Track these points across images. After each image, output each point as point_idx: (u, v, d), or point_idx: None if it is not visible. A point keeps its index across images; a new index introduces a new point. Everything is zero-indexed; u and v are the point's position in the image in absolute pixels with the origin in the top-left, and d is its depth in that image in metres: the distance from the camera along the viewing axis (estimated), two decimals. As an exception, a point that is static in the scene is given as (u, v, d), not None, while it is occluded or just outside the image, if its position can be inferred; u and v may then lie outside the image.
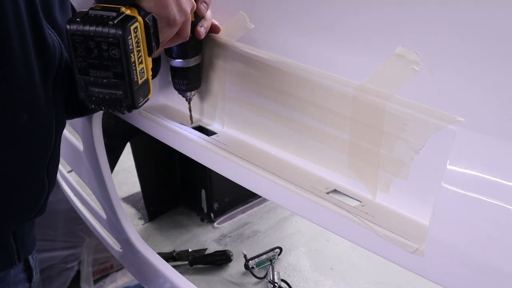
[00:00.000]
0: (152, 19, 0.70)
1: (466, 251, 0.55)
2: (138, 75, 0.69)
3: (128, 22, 0.66)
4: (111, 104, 0.70)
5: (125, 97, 0.69)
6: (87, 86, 0.70)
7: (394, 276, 1.22)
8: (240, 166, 0.79)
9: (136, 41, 0.67)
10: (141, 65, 0.70)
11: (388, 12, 0.71)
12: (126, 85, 0.68)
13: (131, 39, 0.66)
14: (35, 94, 0.70)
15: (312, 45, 0.77)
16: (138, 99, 0.71)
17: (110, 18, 0.65)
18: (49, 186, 0.79)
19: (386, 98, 0.65)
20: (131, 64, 0.67)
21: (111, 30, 0.65)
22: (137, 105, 0.71)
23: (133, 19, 0.66)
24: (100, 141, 1.14)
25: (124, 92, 0.69)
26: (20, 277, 0.83)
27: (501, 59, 0.60)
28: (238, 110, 0.87)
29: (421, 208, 0.64)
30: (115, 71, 0.67)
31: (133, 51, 0.67)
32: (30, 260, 0.84)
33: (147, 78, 0.72)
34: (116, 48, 0.65)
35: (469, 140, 0.57)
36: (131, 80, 0.68)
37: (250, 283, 1.27)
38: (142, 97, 0.72)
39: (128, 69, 0.67)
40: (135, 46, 0.67)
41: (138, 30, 0.68)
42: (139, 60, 0.69)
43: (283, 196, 0.74)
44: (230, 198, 1.52)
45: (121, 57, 0.66)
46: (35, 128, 0.72)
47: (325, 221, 0.70)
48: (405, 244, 0.60)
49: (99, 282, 2.25)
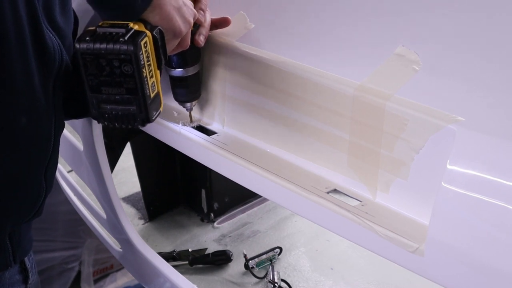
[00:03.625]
0: (159, 32, 0.70)
1: (466, 250, 0.55)
2: (150, 89, 0.70)
3: (139, 38, 0.66)
4: (125, 120, 0.71)
5: (139, 112, 0.70)
6: (99, 103, 0.70)
7: (394, 276, 1.22)
8: (240, 166, 0.79)
9: (146, 55, 0.68)
10: (152, 78, 0.70)
11: (389, 11, 0.71)
12: (140, 100, 0.69)
13: (142, 54, 0.66)
14: (34, 98, 0.70)
15: (312, 44, 0.77)
16: (151, 112, 0.71)
17: (120, 35, 0.65)
18: (47, 189, 0.78)
19: (386, 98, 0.65)
20: (144, 78, 0.67)
21: (122, 46, 0.65)
22: (151, 119, 0.71)
23: (142, 34, 0.67)
24: (100, 141, 1.14)
25: (137, 107, 0.69)
26: (16, 278, 0.82)
27: (501, 59, 0.60)
28: (238, 109, 0.87)
29: (421, 208, 0.64)
30: (128, 87, 0.68)
31: (144, 66, 0.67)
32: (26, 261, 0.84)
33: (158, 91, 0.73)
34: (128, 64, 0.66)
35: (469, 140, 0.57)
36: (144, 95, 0.68)
37: (250, 283, 1.27)
38: (155, 110, 0.72)
39: (141, 84, 0.67)
40: (146, 60, 0.68)
41: (147, 45, 0.68)
42: (150, 74, 0.69)
43: (283, 195, 0.74)
44: (230, 198, 1.52)
45: (133, 72, 0.66)
46: (33, 132, 0.72)
47: (325, 220, 0.70)
48: (405, 244, 0.60)
49: (99, 282, 2.25)
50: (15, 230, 0.78)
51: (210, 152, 0.84)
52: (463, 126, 0.57)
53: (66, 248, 2.19)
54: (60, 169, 1.65)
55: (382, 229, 0.63)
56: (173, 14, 0.72)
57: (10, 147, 0.70)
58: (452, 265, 0.56)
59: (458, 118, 0.58)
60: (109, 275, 2.27)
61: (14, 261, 0.79)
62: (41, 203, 0.79)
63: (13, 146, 0.70)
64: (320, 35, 0.77)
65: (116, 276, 2.26)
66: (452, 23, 0.66)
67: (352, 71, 0.70)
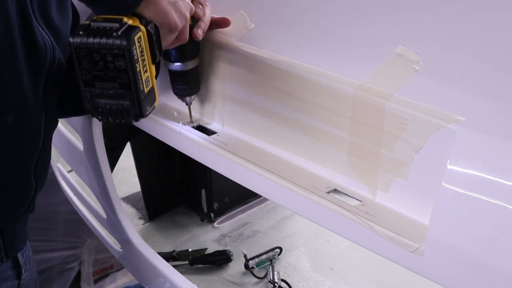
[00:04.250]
0: (154, 27, 0.70)
1: (466, 250, 0.55)
2: (144, 83, 0.70)
3: (132, 32, 0.66)
4: (118, 114, 0.71)
5: (132, 106, 0.70)
6: (93, 98, 0.70)
7: (394, 276, 1.22)
8: (240, 166, 0.79)
9: (140, 50, 0.68)
10: (146, 73, 0.70)
11: (389, 11, 0.71)
12: (133, 94, 0.69)
13: (136, 49, 0.66)
14: (22, 95, 0.69)
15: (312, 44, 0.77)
16: (145, 107, 0.71)
17: (114, 30, 0.65)
18: (37, 186, 0.78)
19: (386, 98, 0.65)
20: (137, 73, 0.68)
21: (116, 41, 0.65)
22: (145, 114, 0.71)
23: (136, 29, 0.67)
24: (100, 141, 1.14)
25: (131, 102, 0.69)
26: (8, 274, 0.83)
27: (502, 59, 0.60)
28: (238, 109, 0.87)
29: (421, 208, 0.64)
30: (121, 81, 0.68)
31: (138, 61, 0.67)
32: (20, 257, 0.84)
33: (152, 86, 0.73)
34: (121, 59, 0.66)
35: (469, 139, 0.57)
36: (137, 90, 0.68)
37: (250, 283, 1.27)
38: (149, 105, 0.72)
39: (134, 79, 0.67)
40: (140, 55, 0.68)
41: (141, 40, 0.68)
42: (144, 69, 0.69)
43: (283, 195, 0.74)
44: (230, 198, 1.52)
45: (127, 67, 0.66)
46: (21, 129, 0.71)
47: (326, 220, 0.70)
48: (405, 244, 0.60)
49: (99, 282, 2.25)
50: (8, 227, 0.78)
51: (210, 152, 0.84)
52: (463, 126, 0.57)
53: (66, 248, 2.19)
54: (60, 169, 1.65)
55: (382, 229, 0.63)
56: (168, 9, 0.71)
57: None
58: (452, 265, 0.56)
59: (458, 118, 0.58)
60: (109, 275, 2.27)
61: (6, 257, 0.79)
62: (31, 200, 0.78)
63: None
64: (320, 35, 0.77)
65: (116, 276, 2.26)
66: (452, 23, 0.66)
67: (352, 71, 0.70)
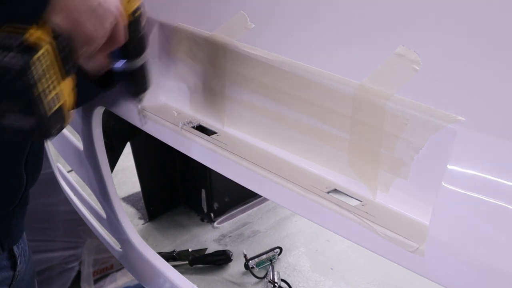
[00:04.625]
0: (65, 39, 0.64)
1: (466, 250, 0.55)
2: (48, 104, 0.64)
3: (31, 52, 0.60)
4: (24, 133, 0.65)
5: (37, 127, 0.64)
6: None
7: (394, 276, 1.22)
8: (240, 166, 0.79)
9: (44, 68, 0.62)
10: (54, 91, 0.65)
11: (389, 10, 0.71)
12: (35, 116, 0.64)
13: (35, 69, 0.61)
14: None
15: (312, 44, 0.77)
16: (49, 128, 0.66)
17: (13, 47, 0.60)
18: (28, 181, 0.78)
19: (387, 98, 0.65)
20: (36, 96, 0.62)
21: (12, 60, 0.59)
22: (50, 134, 0.67)
23: (36, 47, 0.61)
24: (100, 141, 1.14)
25: (36, 122, 0.64)
26: (4, 264, 0.84)
27: (502, 59, 0.60)
28: (238, 109, 0.87)
29: (421, 208, 0.64)
30: (23, 101, 0.62)
31: (40, 80, 0.62)
32: (15, 249, 0.85)
33: (61, 104, 0.67)
34: (17, 81, 0.60)
35: (469, 140, 0.56)
36: (39, 111, 0.63)
37: (250, 283, 1.27)
38: (57, 124, 0.67)
39: (34, 101, 0.62)
40: (42, 74, 0.62)
41: (46, 56, 0.62)
42: (50, 88, 0.64)
43: (283, 195, 0.74)
44: (230, 198, 1.52)
45: (24, 89, 0.61)
46: None
47: (325, 220, 0.70)
48: (405, 244, 0.60)
49: (99, 282, 2.25)
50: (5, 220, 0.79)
51: (210, 151, 0.84)
52: (463, 126, 0.57)
53: (66, 248, 2.19)
54: (60, 169, 1.65)
55: (382, 229, 0.63)
56: (82, 19, 0.65)
57: None
58: (452, 265, 0.56)
59: (458, 118, 0.58)
60: (109, 275, 2.27)
61: (2, 249, 0.80)
62: (23, 194, 0.78)
63: None
64: (320, 35, 0.77)
65: (116, 276, 2.26)
66: (452, 23, 0.66)
67: (352, 71, 0.70)
